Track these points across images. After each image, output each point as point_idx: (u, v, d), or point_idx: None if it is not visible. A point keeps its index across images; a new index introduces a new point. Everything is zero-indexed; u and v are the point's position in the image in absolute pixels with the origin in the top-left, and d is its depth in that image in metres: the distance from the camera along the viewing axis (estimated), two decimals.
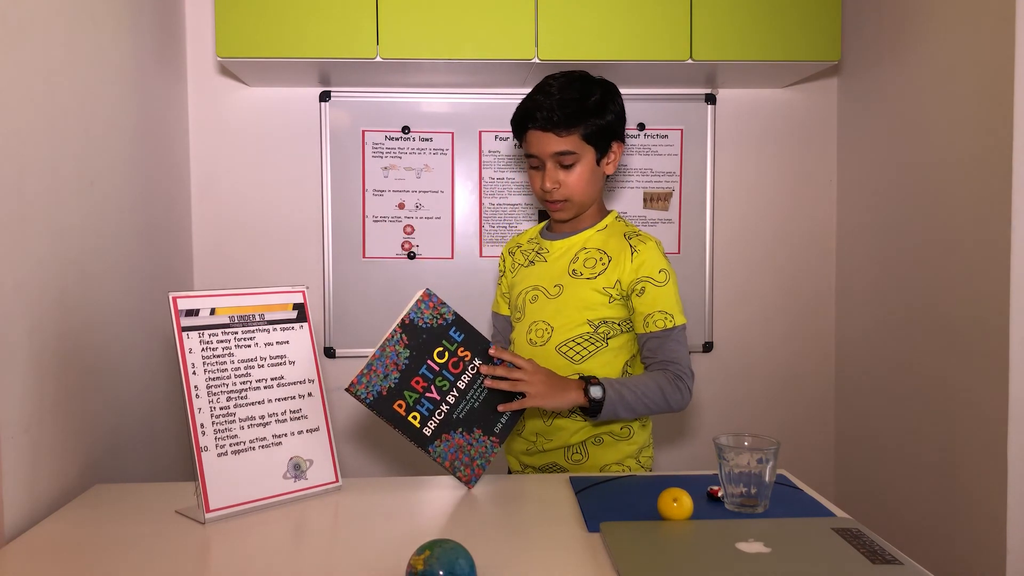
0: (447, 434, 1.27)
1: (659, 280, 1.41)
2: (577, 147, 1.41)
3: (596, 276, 1.44)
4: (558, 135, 1.40)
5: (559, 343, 1.45)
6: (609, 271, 1.43)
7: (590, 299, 1.43)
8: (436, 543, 0.90)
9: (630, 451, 1.47)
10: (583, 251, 1.47)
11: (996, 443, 1.61)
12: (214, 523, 1.16)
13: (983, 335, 1.65)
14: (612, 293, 1.43)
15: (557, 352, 1.45)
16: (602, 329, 1.44)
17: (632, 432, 1.48)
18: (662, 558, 0.99)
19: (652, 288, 1.41)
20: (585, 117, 1.40)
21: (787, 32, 2.01)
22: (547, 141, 1.41)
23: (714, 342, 2.37)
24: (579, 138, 1.41)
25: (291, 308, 1.32)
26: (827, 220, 2.38)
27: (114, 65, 1.64)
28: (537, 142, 1.42)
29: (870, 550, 1.00)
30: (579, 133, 1.40)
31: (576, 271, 1.46)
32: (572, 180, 1.43)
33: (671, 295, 1.42)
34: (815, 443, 2.41)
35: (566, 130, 1.39)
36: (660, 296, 1.41)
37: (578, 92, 1.40)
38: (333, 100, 2.25)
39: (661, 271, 1.42)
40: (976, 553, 1.69)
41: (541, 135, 1.41)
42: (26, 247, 1.24)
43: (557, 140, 1.40)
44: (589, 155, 1.43)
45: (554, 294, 1.47)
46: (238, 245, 2.26)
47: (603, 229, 1.49)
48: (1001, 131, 1.58)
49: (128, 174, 1.71)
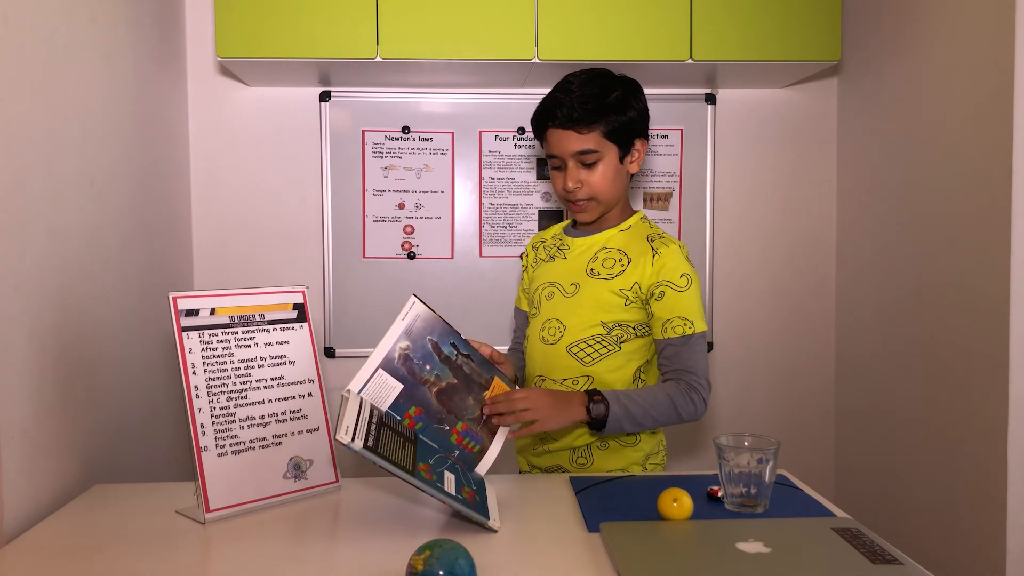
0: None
1: (680, 285, 1.37)
2: (599, 145, 1.38)
3: (613, 277, 1.41)
4: (579, 133, 1.37)
5: (570, 343, 1.43)
6: (627, 273, 1.40)
7: (605, 300, 1.41)
8: (436, 543, 0.90)
9: (636, 458, 1.46)
10: (603, 250, 1.45)
11: (996, 443, 1.61)
12: (214, 523, 1.16)
13: (983, 335, 1.65)
14: (629, 295, 1.40)
15: (568, 352, 1.44)
16: (615, 332, 1.41)
17: (639, 439, 1.46)
18: (662, 558, 0.99)
19: (672, 292, 1.37)
20: (606, 114, 1.37)
21: (787, 32, 2.01)
22: (568, 139, 1.38)
23: (714, 342, 2.37)
24: (600, 136, 1.38)
25: (291, 308, 1.32)
26: (827, 220, 2.38)
27: (114, 65, 1.64)
28: (558, 141, 1.40)
29: (870, 550, 0.99)
30: (600, 130, 1.37)
31: (594, 270, 1.44)
32: (595, 179, 1.39)
33: (692, 301, 1.37)
34: (815, 443, 2.41)
35: (587, 127, 1.37)
36: (680, 301, 1.37)
37: (599, 88, 1.38)
38: (333, 100, 2.25)
39: (683, 276, 1.37)
40: (976, 553, 1.69)
41: (562, 133, 1.39)
42: (26, 247, 1.24)
43: (578, 138, 1.37)
44: (612, 153, 1.40)
45: (570, 292, 1.45)
46: (238, 245, 2.26)
47: (626, 230, 1.46)
48: (1001, 131, 1.58)
49: (128, 174, 1.71)
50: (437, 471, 1.16)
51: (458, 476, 1.19)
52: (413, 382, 1.23)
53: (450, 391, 1.27)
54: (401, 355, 1.23)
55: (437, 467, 1.17)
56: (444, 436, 1.25)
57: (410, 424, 1.22)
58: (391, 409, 1.21)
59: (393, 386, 1.22)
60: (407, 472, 1.08)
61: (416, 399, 1.23)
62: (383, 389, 1.21)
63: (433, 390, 1.25)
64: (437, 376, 1.26)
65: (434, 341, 1.27)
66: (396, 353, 1.23)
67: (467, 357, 1.32)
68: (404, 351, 1.24)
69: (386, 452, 1.09)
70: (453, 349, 1.30)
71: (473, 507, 1.13)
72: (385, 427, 1.15)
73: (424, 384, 1.24)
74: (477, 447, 1.29)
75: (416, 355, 1.25)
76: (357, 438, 1.06)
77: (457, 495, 1.12)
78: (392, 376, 1.22)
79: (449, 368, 1.28)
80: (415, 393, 1.23)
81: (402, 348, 1.24)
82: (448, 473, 1.17)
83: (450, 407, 1.26)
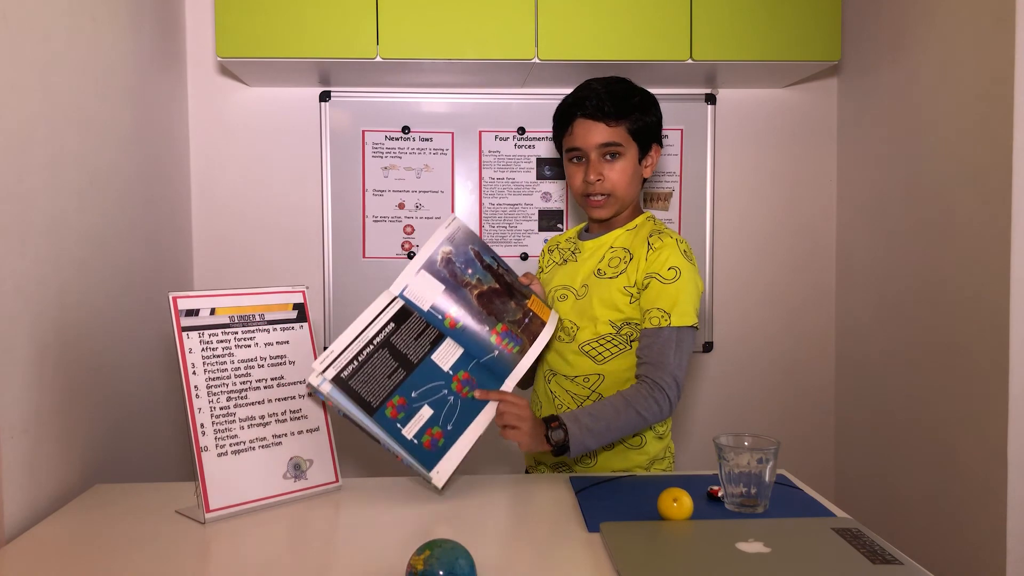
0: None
1: (666, 277, 1.37)
2: (624, 140, 1.42)
3: (618, 275, 1.43)
4: (608, 125, 1.41)
5: (583, 342, 1.44)
6: (629, 270, 1.42)
7: (613, 299, 1.42)
8: (436, 543, 0.90)
9: (640, 461, 1.46)
10: (610, 250, 1.47)
11: (996, 443, 1.61)
12: (214, 523, 1.16)
13: (983, 334, 1.65)
14: (632, 292, 1.41)
15: (580, 351, 1.45)
16: (624, 331, 1.42)
17: (644, 442, 1.45)
18: (662, 558, 0.99)
19: (656, 284, 1.38)
20: (632, 110, 1.42)
21: (787, 32, 2.01)
22: (596, 131, 1.42)
23: (714, 342, 2.37)
24: (626, 131, 1.42)
25: (291, 308, 1.32)
26: (827, 220, 2.38)
27: (114, 65, 1.64)
28: (585, 133, 1.42)
29: (870, 550, 0.99)
30: (627, 126, 1.42)
31: (601, 271, 1.46)
32: (615, 174, 1.42)
33: (675, 294, 1.36)
34: (815, 443, 2.41)
35: (615, 120, 1.41)
36: (663, 293, 1.37)
37: (624, 90, 1.43)
38: (333, 100, 2.25)
39: (671, 268, 1.37)
40: (976, 553, 1.69)
41: (591, 125, 1.42)
42: (26, 247, 1.24)
43: (606, 130, 1.41)
44: (632, 151, 1.44)
45: (581, 294, 1.46)
46: (238, 245, 2.26)
47: (632, 229, 1.48)
48: (1001, 130, 1.58)
49: (128, 174, 1.71)
50: (413, 406, 1.19)
51: (436, 414, 1.21)
52: (455, 284, 1.30)
53: (491, 294, 1.32)
54: (444, 258, 1.30)
55: (417, 401, 1.20)
56: (484, 336, 1.29)
57: (451, 324, 1.28)
58: (432, 309, 1.28)
59: (435, 286, 1.28)
60: (367, 413, 1.14)
61: (458, 300, 1.29)
62: (425, 289, 1.28)
63: (474, 292, 1.31)
64: (479, 280, 1.32)
65: (476, 250, 1.34)
66: (439, 256, 1.30)
67: (507, 271, 1.38)
68: (447, 255, 1.31)
69: (358, 385, 1.15)
70: (495, 261, 1.37)
71: (422, 455, 1.16)
72: (383, 349, 1.20)
73: (465, 287, 1.30)
74: (516, 348, 1.32)
75: (458, 259, 1.31)
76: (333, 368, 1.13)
77: (413, 439, 1.16)
78: (434, 277, 1.29)
79: (491, 274, 1.34)
80: (457, 294, 1.29)
81: (445, 252, 1.31)
82: (427, 408, 1.20)
83: (491, 309, 1.31)
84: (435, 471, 1.18)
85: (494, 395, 1.28)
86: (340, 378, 1.15)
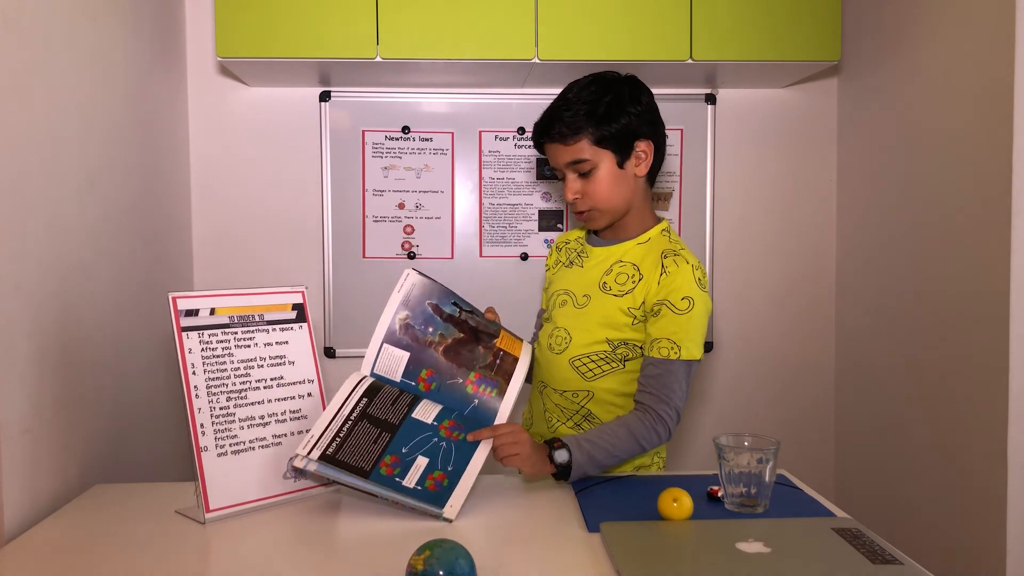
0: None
1: (679, 308, 1.32)
2: (590, 154, 1.36)
3: (624, 294, 1.38)
4: (565, 144, 1.37)
5: (574, 356, 1.41)
6: (637, 291, 1.37)
7: (613, 317, 1.38)
8: (436, 543, 0.90)
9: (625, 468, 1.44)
10: (619, 264, 1.41)
11: (996, 443, 1.61)
12: (214, 523, 1.16)
13: (983, 335, 1.65)
14: (636, 315, 1.37)
15: (570, 365, 1.42)
16: (620, 350, 1.39)
17: None
18: (662, 558, 0.99)
19: (669, 313, 1.32)
20: (589, 123, 1.35)
21: (787, 32, 2.00)
22: (558, 152, 1.39)
23: (714, 342, 2.37)
24: (589, 144, 1.36)
25: (291, 308, 1.32)
26: (827, 220, 2.38)
27: (114, 65, 1.64)
28: (552, 154, 1.41)
29: (870, 550, 0.99)
30: (588, 139, 1.35)
31: (606, 284, 1.41)
32: (592, 188, 1.37)
33: (687, 326, 1.32)
34: (815, 443, 2.41)
35: (572, 139, 1.36)
36: (674, 323, 1.32)
37: (592, 96, 1.36)
38: (333, 100, 2.25)
39: (684, 298, 1.32)
40: (976, 553, 1.69)
41: (551, 147, 1.40)
42: (26, 247, 1.24)
43: (565, 149, 1.37)
44: (607, 160, 1.37)
45: (581, 304, 1.43)
46: (238, 245, 2.26)
47: (644, 243, 1.41)
48: (1001, 131, 1.58)
49: (128, 174, 1.71)
50: (407, 460, 1.18)
51: (433, 460, 1.20)
52: (418, 347, 1.30)
53: (456, 346, 1.32)
54: (402, 325, 1.30)
55: (410, 454, 1.19)
56: (459, 389, 1.29)
57: (425, 387, 1.29)
58: (404, 377, 1.28)
59: (399, 356, 1.29)
60: (361, 477, 1.14)
61: (425, 362, 1.29)
62: (391, 361, 1.29)
63: (439, 349, 1.30)
64: (441, 335, 1.31)
65: (433, 304, 1.33)
66: (396, 325, 1.30)
67: (471, 313, 1.37)
68: (404, 320, 1.30)
69: (346, 456, 1.15)
70: (455, 308, 1.35)
71: (429, 497, 1.15)
72: (363, 421, 1.20)
73: (429, 346, 1.30)
74: (494, 391, 1.31)
75: (416, 321, 1.31)
76: (317, 448, 1.14)
77: (416, 487, 1.15)
78: (396, 347, 1.29)
79: (453, 324, 1.33)
80: (422, 357, 1.30)
81: (401, 319, 1.30)
82: (421, 458, 1.19)
83: (460, 361, 1.31)
84: (448, 506, 1.16)
85: (486, 432, 1.26)
86: (327, 455, 1.14)
